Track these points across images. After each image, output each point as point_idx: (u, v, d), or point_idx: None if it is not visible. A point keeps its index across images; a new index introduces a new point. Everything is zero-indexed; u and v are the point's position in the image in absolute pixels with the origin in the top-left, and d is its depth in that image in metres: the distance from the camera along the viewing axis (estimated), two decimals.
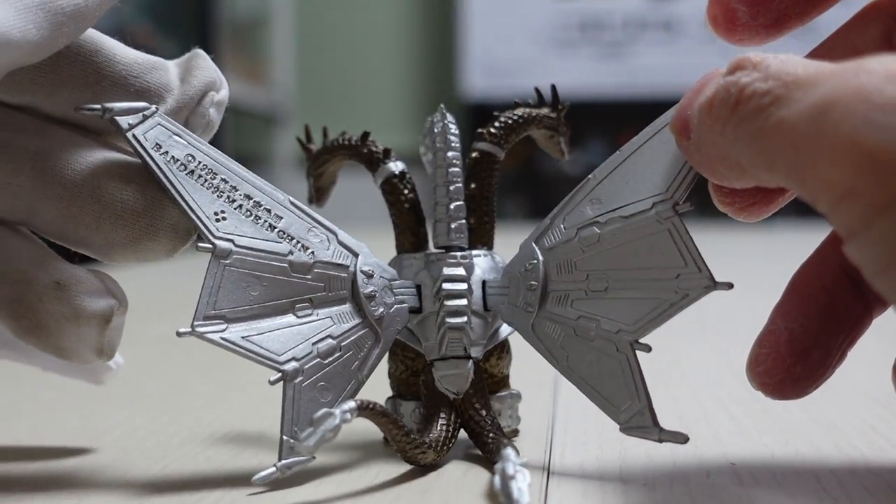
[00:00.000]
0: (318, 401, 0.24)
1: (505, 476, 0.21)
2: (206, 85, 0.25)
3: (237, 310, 0.24)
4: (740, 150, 0.20)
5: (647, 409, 0.24)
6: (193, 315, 0.24)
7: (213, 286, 0.24)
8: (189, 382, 0.39)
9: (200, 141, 0.25)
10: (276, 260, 0.25)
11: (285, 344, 0.24)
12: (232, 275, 0.24)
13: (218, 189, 0.25)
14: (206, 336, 0.24)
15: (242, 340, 0.24)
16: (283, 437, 0.24)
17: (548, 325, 0.26)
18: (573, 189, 0.26)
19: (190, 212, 0.24)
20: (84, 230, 0.24)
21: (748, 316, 0.55)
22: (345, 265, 0.26)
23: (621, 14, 2.39)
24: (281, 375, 0.24)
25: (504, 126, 0.28)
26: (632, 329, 0.25)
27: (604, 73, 2.39)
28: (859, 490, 0.23)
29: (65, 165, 0.24)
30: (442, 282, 0.26)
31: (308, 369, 0.24)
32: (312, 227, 0.25)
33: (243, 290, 0.24)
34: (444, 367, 0.26)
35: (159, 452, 0.27)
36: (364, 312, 0.25)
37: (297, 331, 0.25)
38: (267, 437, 0.29)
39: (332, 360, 0.25)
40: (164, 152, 0.24)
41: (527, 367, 0.30)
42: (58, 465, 0.26)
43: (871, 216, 0.18)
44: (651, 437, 0.24)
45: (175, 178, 0.24)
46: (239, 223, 0.25)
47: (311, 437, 0.21)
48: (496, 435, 0.25)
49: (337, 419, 0.21)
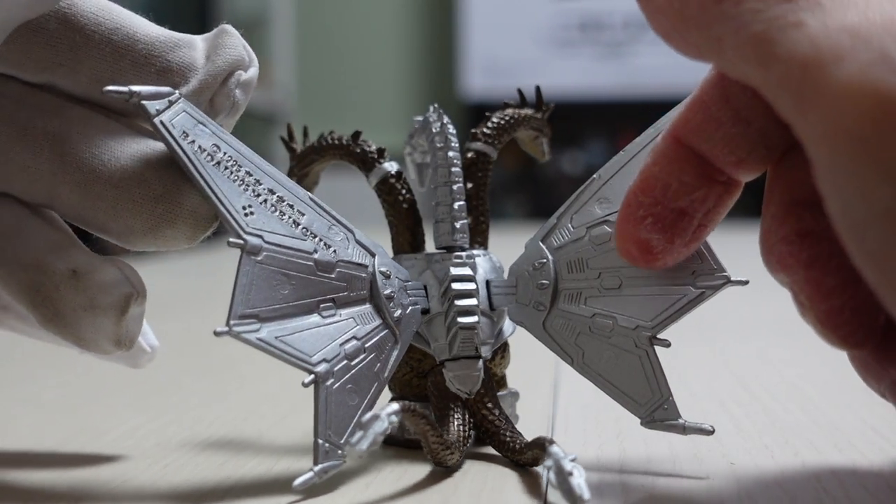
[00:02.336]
0: (347, 404, 0.24)
1: (563, 473, 0.21)
2: (232, 64, 0.24)
3: (268, 309, 0.23)
4: (727, 29, 0.20)
5: (670, 402, 0.25)
6: (228, 314, 0.22)
7: (245, 284, 0.23)
8: (189, 382, 0.39)
9: (224, 131, 0.24)
10: (303, 258, 0.24)
11: (314, 345, 0.24)
12: (264, 272, 0.23)
13: (244, 182, 0.24)
14: (242, 336, 0.22)
15: (276, 341, 0.23)
16: (318, 440, 0.23)
17: (560, 323, 0.26)
18: (577, 189, 0.27)
19: (220, 205, 0.23)
20: (102, 216, 0.24)
21: (748, 316, 0.55)
22: (364, 265, 0.25)
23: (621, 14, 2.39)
24: (314, 378, 0.23)
25: (497, 126, 0.28)
26: (650, 325, 0.25)
27: (604, 73, 2.39)
28: (859, 490, 0.23)
29: (83, 149, 0.24)
30: (450, 282, 0.26)
31: (337, 371, 0.24)
32: (333, 225, 0.25)
33: (274, 288, 0.23)
34: (455, 368, 0.26)
35: (159, 452, 0.27)
36: (384, 313, 0.25)
37: (323, 332, 0.24)
38: (266, 436, 0.29)
39: (357, 361, 0.24)
40: (192, 141, 0.23)
41: (527, 367, 0.30)
42: (57, 465, 0.26)
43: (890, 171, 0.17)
44: (675, 430, 0.25)
45: (204, 168, 0.23)
46: (266, 219, 0.24)
47: (363, 441, 0.21)
48: (514, 433, 0.26)
49: (385, 422, 0.21)
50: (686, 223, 0.24)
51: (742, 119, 0.22)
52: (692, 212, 0.23)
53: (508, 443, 0.25)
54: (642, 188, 0.23)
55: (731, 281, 0.25)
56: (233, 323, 0.22)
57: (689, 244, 0.24)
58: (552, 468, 0.21)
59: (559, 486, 0.21)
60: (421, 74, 2.61)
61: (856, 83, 0.17)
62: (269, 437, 0.29)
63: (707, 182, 0.23)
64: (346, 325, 0.24)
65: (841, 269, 0.21)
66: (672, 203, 0.23)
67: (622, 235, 0.24)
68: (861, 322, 0.22)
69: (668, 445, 0.27)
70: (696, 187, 0.23)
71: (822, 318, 0.22)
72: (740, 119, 0.22)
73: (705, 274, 0.25)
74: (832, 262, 0.21)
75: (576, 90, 2.33)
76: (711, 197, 0.23)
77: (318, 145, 0.28)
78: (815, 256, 0.22)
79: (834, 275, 0.21)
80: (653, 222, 0.23)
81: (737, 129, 0.22)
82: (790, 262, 0.22)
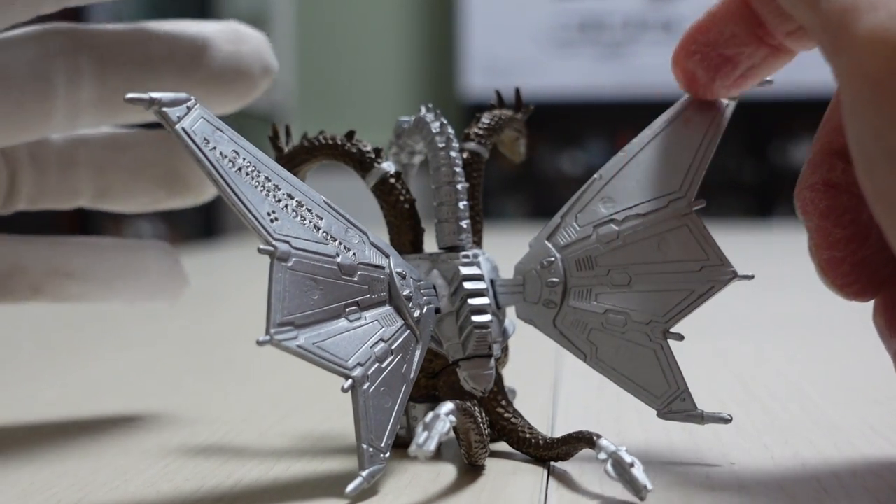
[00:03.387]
0: (383, 407, 0.24)
1: (624, 465, 0.22)
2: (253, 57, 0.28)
3: (302, 315, 0.23)
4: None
5: (687, 393, 0.26)
6: (268, 323, 0.22)
7: (280, 291, 0.22)
8: (189, 382, 0.39)
9: (240, 136, 0.24)
10: (328, 262, 0.24)
11: (348, 350, 0.23)
12: (295, 279, 0.23)
13: (265, 187, 0.23)
14: (283, 344, 0.22)
15: (314, 347, 0.23)
16: (362, 445, 0.23)
17: (571, 319, 0.26)
18: (579, 189, 0.27)
19: (248, 212, 0.23)
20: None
21: (747, 316, 0.55)
22: (381, 266, 0.25)
23: (621, 14, 2.39)
24: (352, 382, 0.23)
25: (488, 127, 0.28)
26: (663, 319, 0.26)
27: (604, 73, 2.39)
28: (859, 490, 0.23)
29: None
30: (461, 281, 0.26)
31: (371, 375, 0.23)
32: (349, 228, 0.25)
33: (305, 294, 0.23)
34: (470, 367, 0.26)
35: (159, 452, 0.27)
36: (404, 314, 0.25)
37: (353, 336, 0.24)
38: (266, 436, 0.29)
39: (387, 364, 0.24)
40: (213, 147, 0.23)
41: (527, 366, 0.30)
42: (57, 464, 0.26)
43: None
44: (694, 420, 0.26)
45: (228, 175, 0.23)
46: (290, 224, 0.23)
47: (429, 441, 0.21)
48: (532, 429, 0.26)
49: (447, 423, 0.21)
50: (729, 69, 0.25)
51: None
52: (737, 62, 0.25)
53: (529, 439, 0.26)
54: (700, 27, 0.25)
55: (738, 276, 0.25)
56: (273, 331, 0.22)
57: (728, 87, 0.26)
58: (609, 461, 0.22)
59: (620, 478, 0.22)
60: (421, 74, 2.61)
61: (879, 30, 0.19)
62: (270, 436, 0.29)
63: (757, 41, 0.25)
64: (372, 328, 0.24)
65: (851, 225, 0.23)
66: (721, 49, 0.25)
67: (675, 61, 0.26)
68: (859, 276, 0.24)
69: (668, 445, 0.27)
70: (746, 43, 0.25)
71: (823, 265, 0.24)
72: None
73: (713, 268, 0.26)
74: (845, 216, 0.23)
75: (575, 90, 2.33)
76: (759, 55, 0.25)
77: (310, 145, 0.28)
78: (832, 208, 0.24)
79: (844, 228, 0.23)
80: (700, 59, 0.25)
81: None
82: (809, 209, 0.24)
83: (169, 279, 0.32)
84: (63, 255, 0.30)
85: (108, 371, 0.42)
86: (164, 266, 0.32)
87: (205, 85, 0.29)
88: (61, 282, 0.30)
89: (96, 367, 0.43)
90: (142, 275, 0.31)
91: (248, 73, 0.29)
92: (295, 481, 0.24)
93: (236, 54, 0.29)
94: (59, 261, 0.30)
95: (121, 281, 0.31)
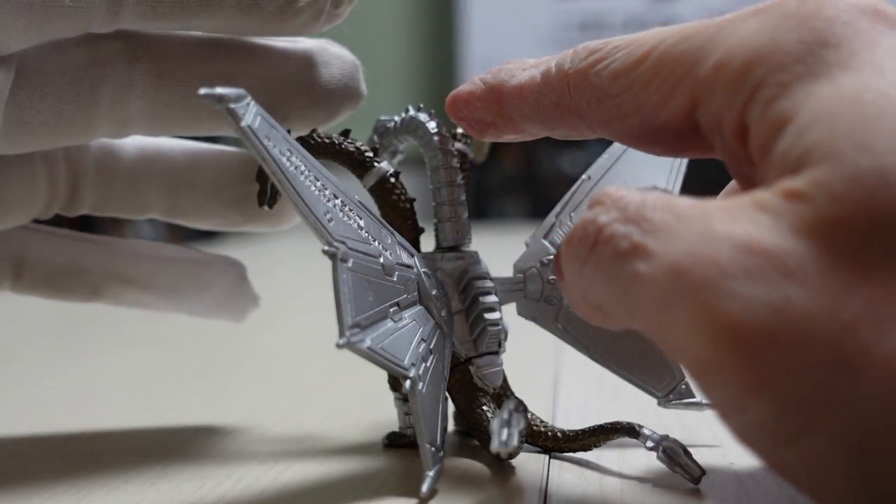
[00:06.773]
0: (434, 406, 0.23)
1: (677, 452, 0.23)
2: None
3: (364, 317, 0.22)
4: (599, 294, 0.19)
5: (686, 383, 0.26)
6: (341, 325, 0.21)
7: (346, 293, 0.22)
8: (189, 382, 0.39)
9: (287, 133, 0.23)
10: (374, 263, 0.23)
11: (401, 350, 0.23)
12: (355, 279, 0.22)
13: (316, 187, 0.22)
14: (357, 347, 0.21)
15: (379, 349, 0.22)
16: (425, 445, 0.23)
17: (573, 315, 0.27)
18: (571, 188, 0.28)
19: (310, 213, 0.22)
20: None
21: None
22: (410, 266, 0.25)
23: (621, 14, 2.39)
24: (411, 383, 0.23)
25: None
26: None
27: None
28: None
29: None
30: (470, 279, 0.26)
31: (422, 374, 0.23)
32: (381, 227, 0.24)
33: (363, 295, 0.22)
34: (482, 364, 0.26)
35: (160, 452, 0.27)
36: (433, 313, 0.25)
37: (400, 335, 0.23)
38: (267, 436, 0.29)
39: (430, 363, 0.24)
40: (273, 146, 0.22)
41: (527, 366, 0.30)
42: (57, 464, 0.26)
43: (743, 398, 0.16)
44: (695, 408, 0.27)
45: (291, 174, 0.22)
46: (342, 225, 0.23)
47: (512, 438, 0.21)
48: (544, 422, 0.26)
49: (522, 419, 0.22)
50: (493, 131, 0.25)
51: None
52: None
53: (544, 432, 0.26)
54: (518, 92, 0.23)
55: None
56: (349, 333, 0.21)
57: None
58: (660, 449, 0.23)
59: (673, 465, 0.23)
60: (420, 74, 2.61)
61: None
62: (270, 436, 0.29)
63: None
64: (413, 328, 0.24)
65: None
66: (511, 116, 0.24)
67: (454, 104, 0.25)
68: None
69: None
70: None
71: None
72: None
73: None
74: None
75: None
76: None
77: (304, 144, 0.27)
78: None
79: None
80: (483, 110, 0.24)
81: None
82: None
83: (235, 297, 0.31)
84: (124, 261, 0.29)
85: (109, 371, 0.42)
86: (229, 282, 0.31)
87: (278, 111, 0.26)
88: (120, 287, 0.29)
89: (96, 367, 0.43)
90: (205, 289, 0.30)
91: (327, 102, 0.28)
92: (295, 481, 0.24)
93: (319, 79, 0.27)
94: (119, 265, 0.29)
95: (182, 293, 0.30)
